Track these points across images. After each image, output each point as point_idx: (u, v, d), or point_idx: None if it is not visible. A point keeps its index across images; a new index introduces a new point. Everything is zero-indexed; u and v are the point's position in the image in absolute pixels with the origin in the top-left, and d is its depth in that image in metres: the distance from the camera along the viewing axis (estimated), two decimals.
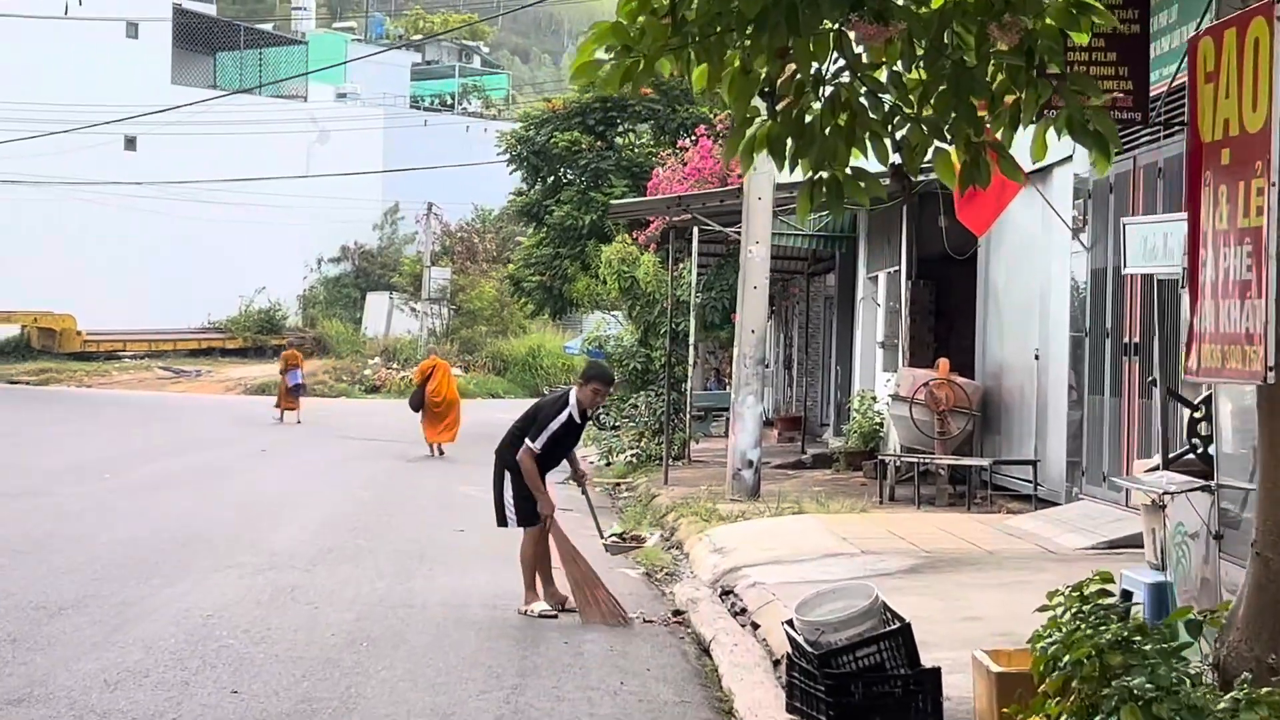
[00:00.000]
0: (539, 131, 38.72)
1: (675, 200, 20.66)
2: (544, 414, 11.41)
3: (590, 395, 11.60)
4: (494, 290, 59.97)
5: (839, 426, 28.23)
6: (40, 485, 19.47)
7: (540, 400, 12.23)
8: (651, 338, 26.60)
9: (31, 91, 53.46)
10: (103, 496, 18.30)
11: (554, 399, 11.83)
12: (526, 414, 11.82)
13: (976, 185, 6.71)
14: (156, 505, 17.48)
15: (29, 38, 56.87)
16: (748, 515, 16.53)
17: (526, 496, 11.47)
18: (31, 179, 54.33)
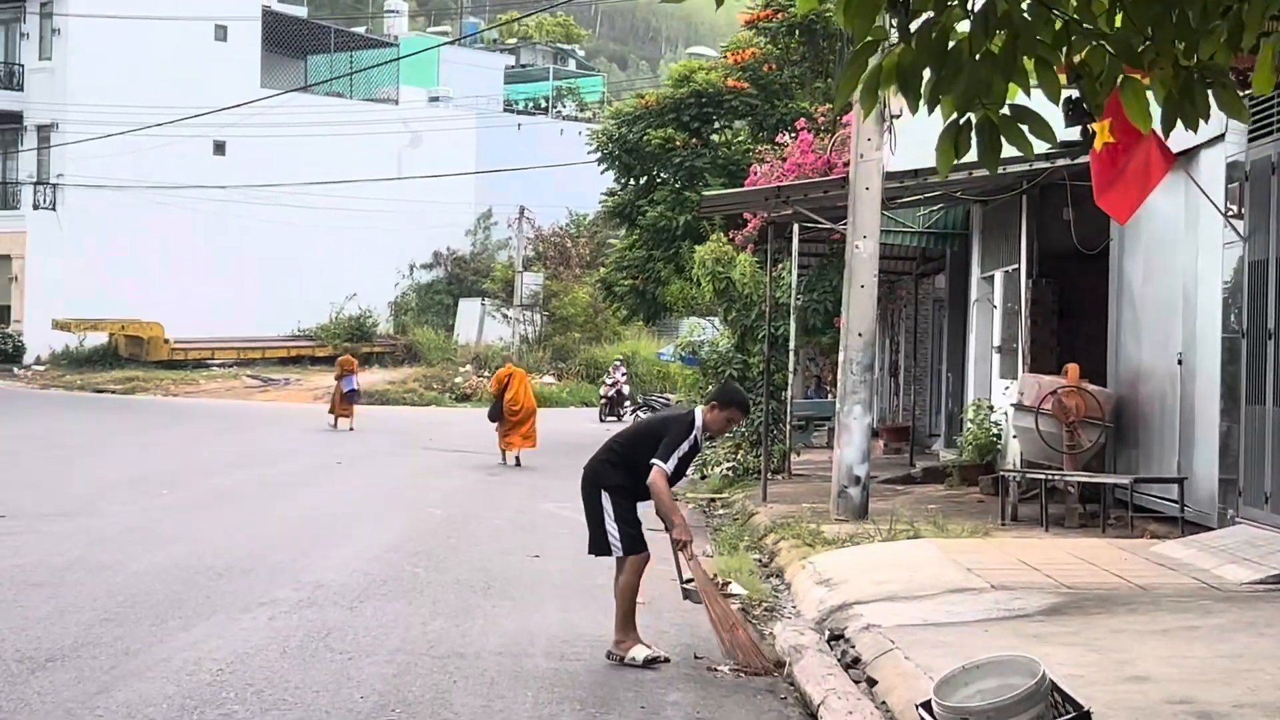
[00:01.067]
0: (631, 128, 37.09)
1: (774, 191, 18.92)
2: (672, 433, 9.84)
3: (723, 422, 10.10)
4: (587, 296, 58.47)
5: (950, 438, 26.39)
6: (89, 503, 18.08)
7: (661, 416, 10.73)
8: (749, 343, 24.88)
9: (119, 95, 52.52)
10: (149, 516, 16.86)
11: (677, 417, 10.25)
12: (639, 430, 10.40)
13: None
14: (205, 526, 16.00)
15: (117, 40, 56.08)
16: (856, 539, 14.78)
17: (630, 519, 9.93)
18: (119, 183, 53.49)
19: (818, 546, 14.53)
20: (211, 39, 60.24)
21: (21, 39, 58.56)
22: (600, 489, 9.97)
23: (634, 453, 9.86)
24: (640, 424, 10.64)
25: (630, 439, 10.15)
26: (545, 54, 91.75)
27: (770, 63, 37.43)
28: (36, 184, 57.23)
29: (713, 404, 10.05)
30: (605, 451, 10.15)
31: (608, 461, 10.04)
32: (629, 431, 10.50)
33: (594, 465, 10.14)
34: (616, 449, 10.10)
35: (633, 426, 10.80)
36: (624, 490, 9.91)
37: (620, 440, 10.24)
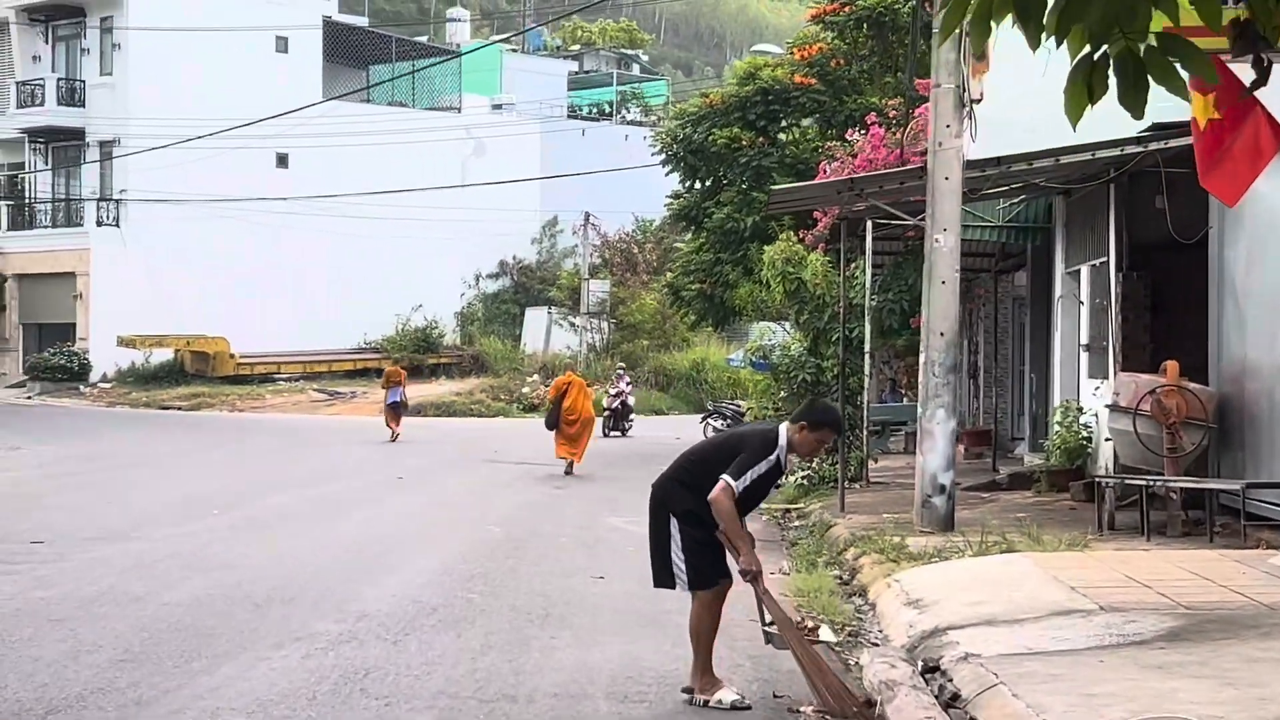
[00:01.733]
0: (696, 129, 36.11)
1: (846, 184, 17.87)
2: (749, 449, 8.74)
3: (813, 443, 9.03)
4: (654, 302, 57.49)
5: (1035, 442, 25.24)
6: (134, 525, 17.27)
7: (741, 431, 9.43)
8: (822, 346, 23.85)
9: (181, 110, 52.03)
10: (196, 539, 16.01)
11: (758, 432, 9.07)
12: (717, 445, 9.22)
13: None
14: (252, 550, 15.14)
15: (178, 55, 55.65)
16: (944, 553, 13.71)
17: (701, 549, 8.84)
18: (181, 198, 53.01)
19: (903, 562, 13.49)
20: (272, 50, 59.73)
21: (82, 55, 58.26)
22: (669, 514, 8.92)
23: (710, 472, 8.74)
24: (718, 438, 9.50)
25: (705, 456, 9.03)
26: (609, 60, 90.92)
27: (838, 58, 36.38)
28: (99, 200, 56.85)
29: (802, 424, 8.92)
30: (676, 470, 9.06)
31: (678, 481, 8.96)
32: (705, 446, 9.39)
33: (663, 485, 9.06)
34: (689, 467, 8.99)
35: (709, 441, 9.64)
36: (696, 517, 8.82)
37: (694, 457, 9.11)
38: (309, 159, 58.11)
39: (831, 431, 9.13)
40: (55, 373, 55.35)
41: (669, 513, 8.90)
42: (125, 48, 56.56)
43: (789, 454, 8.95)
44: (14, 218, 59.78)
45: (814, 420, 8.95)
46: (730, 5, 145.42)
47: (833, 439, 9.26)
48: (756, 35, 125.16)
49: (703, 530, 8.79)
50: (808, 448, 9.03)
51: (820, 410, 9.27)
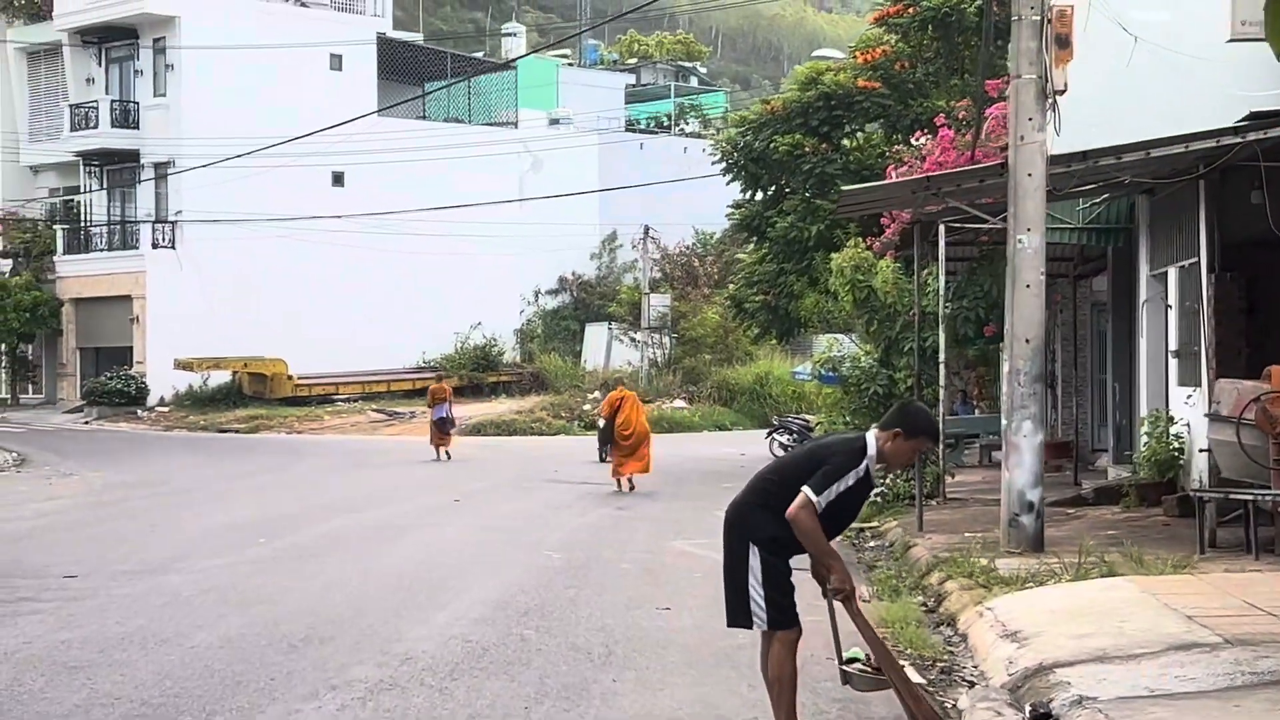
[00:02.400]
0: (757, 136, 35.06)
1: (921, 183, 16.83)
2: (834, 460, 7.71)
3: (906, 452, 7.97)
4: (716, 316, 56.43)
5: (1120, 453, 24.09)
6: (175, 557, 16.43)
7: (826, 441, 8.27)
8: (893, 356, 22.80)
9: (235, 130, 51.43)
10: (236, 572, 15.13)
11: (843, 442, 8.01)
12: (799, 460, 8.06)
13: None
14: (295, 583, 14.25)
15: (231, 76, 55.18)
16: (1038, 577, 12.66)
17: (785, 582, 7.86)
18: (237, 218, 52.45)
19: (994, 588, 12.45)
20: (326, 69, 59.13)
21: (136, 76, 57.78)
22: (748, 541, 7.87)
23: (792, 491, 7.69)
24: (799, 452, 8.43)
25: (786, 472, 7.94)
26: (666, 73, 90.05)
27: (902, 61, 35.30)
28: (155, 223, 56.36)
29: (895, 431, 7.84)
30: (753, 490, 8.02)
31: (756, 503, 7.91)
32: (785, 462, 8.30)
33: (740, 508, 8.02)
34: (768, 487, 7.93)
35: (790, 456, 8.54)
36: (778, 544, 7.80)
37: (773, 475, 8.04)
38: (364, 177, 57.48)
39: (927, 439, 8.07)
40: (112, 397, 54.81)
41: (747, 540, 7.87)
42: (178, 68, 56.07)
43: (879, 465, 7.92)
44: (69, 241, 59.38)
45: (908, 426, 7.88)
46: (788, 18, 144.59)
47: (929, 447, 8.13)
48: (814, 48, 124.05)
49: (786, 563, 7.81)
50: (900, 458, 7.99)
51: (914, 414, 8.11)
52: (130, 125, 57.37)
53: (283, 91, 55.78)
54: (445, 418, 36.07)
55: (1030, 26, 15.15)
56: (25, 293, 57.59)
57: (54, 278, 59.13)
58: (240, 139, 47.49)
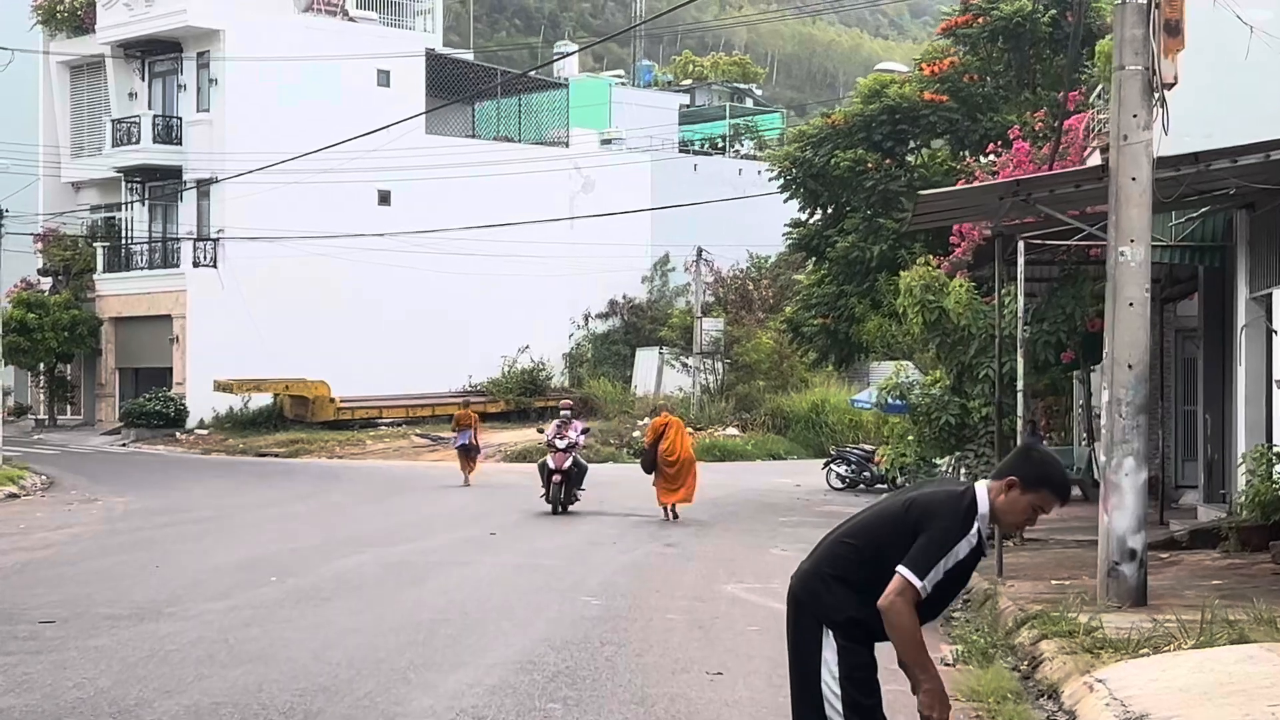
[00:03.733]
0: (817, 151, 33.29)
1: (1009, 187, 15.01)
2: (938, 526, 5.90)
3: (1025, 509, 6.05)
4: (771, 341, 54.62)
5: (1212, 490, 22.22)
6: (173, 598, 14.79)
7: (918, 496, 6.16)
8: (966, 383, 21.00)
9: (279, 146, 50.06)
10: (237, 617, 13.47)
11: (947, 497, 6.05)
12: (884, 515, 6.17)
13: None
14: (297, 634, 12.57)
15: (276, 91, 53.90)
16: (1153, 641, 10.85)
17: (871, 680, 6.04)
18: (281, 235, 51.05)
19: (1103, 653, 10.65)
20: (374, 85, 57.72)
21: (179, 91, 56.57)
22: (821, 624, 6.04)
23: (880, 560, 5.95)
24: (887, 507, 6.25)
25: (875, 535, 6.10)
26: (721, 94, 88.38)
27: (970, 73, 33.52)
28: (196, 240, 55.03)
29: (1010, 481, 6.00)
30: (830, 559, 6.15)
31: (834, 577, 6.08)
32: (869, 520, 6.24)
33: (810, 581, 6.16)
34: (850, 554, 6.10)
35: (875, 511, 6.31)
36: (862, 629, 6.01)
37: (856, 537, 6.17)
38: (411, 196, 56.07)
39: (1054, 496, 6.09)
40: (151, 418, 53.45)
41: (819, 622, 6.04)
42: (222, 83, 54.81)
43: (989, 525, 6.05)
44: (110, 259, 58.14)
45: (1028, 475, 6.01)
46: (843, 44, 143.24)
47: (1054, 506, 6.22)
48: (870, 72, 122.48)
49: (869, 652, 6.04)
50: (1016, 516, 6.07)
51: (1037, 461, 6.12)
52: (173, 141, 56.15)
53: (328, 108, 54.33)
54: (468, 444, 35.22)
55: (1136, 11, 13.39)
56: (64, 311, 56.36)
57: (93, 296, 57.91)
58: (284, 155, 46.19)
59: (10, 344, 54.97)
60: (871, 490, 34.49)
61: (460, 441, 35.24)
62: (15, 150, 53.84)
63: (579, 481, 27.09)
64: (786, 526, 25.57)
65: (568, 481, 26.67)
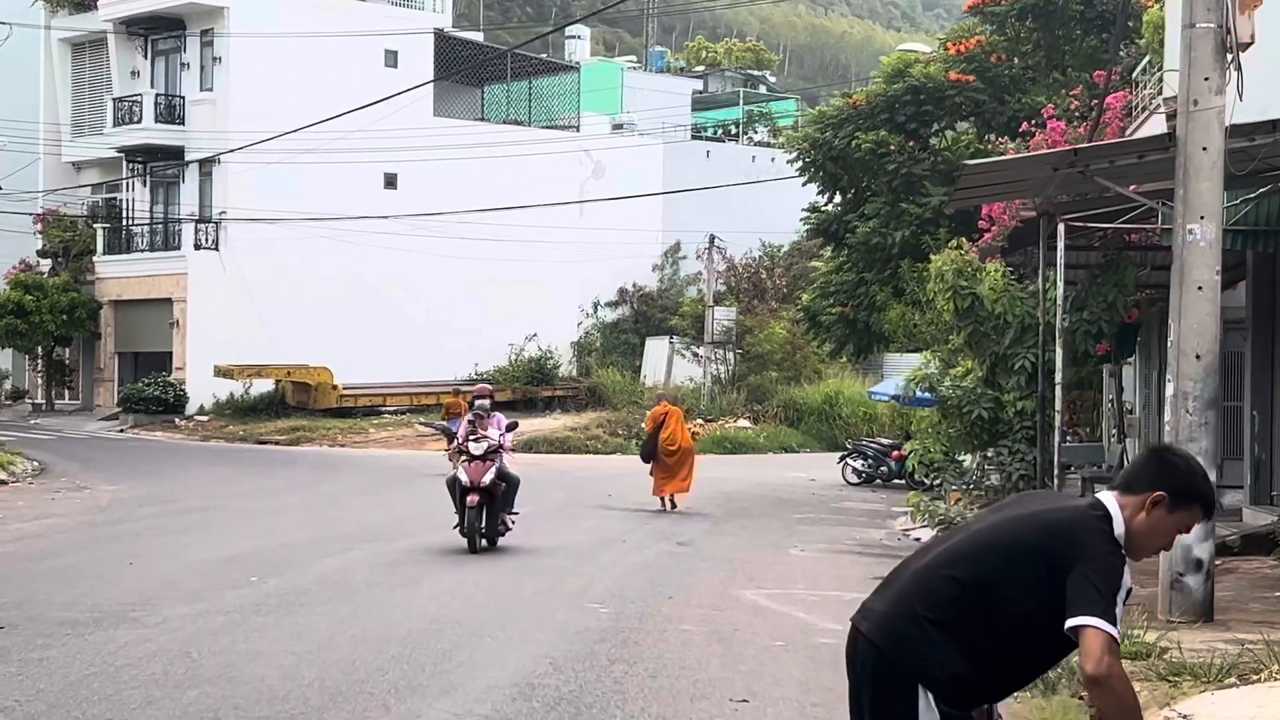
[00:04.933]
0: (837, 133, 32.03)
1: (1064, 156, 13.67)
2: (1092, 552, 4.52)
3: (1168, 531, 4.74)
4: (784, 331, 53.25)
5: (1260, 492, 20.89)
6: (142, 600, 13.50)
7: (1038, 511, 4.80)
8: (1000, 375, 19.70)
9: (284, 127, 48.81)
10: (206, 624, 12.18)
11: (1081, 517, 4.68)
12: (1000, 539, 4.73)
13: None
14: (269, 646, 11.27)
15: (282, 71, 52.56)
16: (1237, 668, 9.55)
17: None
18: (284, 217, 49.73)
19: (1182, 682, 9.34)
20: (381, 65, 56.32)
21: (182, 70, 55.24)
22: (914, 683, 4.62)
23: (990, 601, 4.60)
24: (1002, 528, 4.80)
25: (981, 563, 4.68)
26: (734, 81, 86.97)
27: (998, 53, 32.25)
28: (198, 222, 53.73)
29: (1156, 497, 4.67)
30: (921, 598, 4.71)
31: (930, 621, 4.65)
32: (972, 545, 4.78)
33: (897, 622, 4.71)
34: (951, 590, 4.67)
35: (981, 535, 4.82)
36: (967, 688, 4.64)
37: (957, 569, 4.71)
38: (418, 180, 54.77)
39: (1203, 513, 4.78)
40: (149, 404, 52.19)
41: (912, 681, 4.63)
42: (226, 62, 53.52)
43: (1132, 544, 4.72)
44: (110, 241, 56.85)
45: (1178, 489, 4.69)
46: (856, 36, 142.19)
47: (1199, 522, 4.82)
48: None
49: (969, 712, 4.69)
50: (1159, 541, 4.75)
51: (1185, 471, 4.79)
52: (175, 121, 54.87)
53: (334, 89, 52.90)
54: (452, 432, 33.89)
55: None
56: (63, 294, 55.08)
57: (93, 279, 56.64)
58: (289, 136, 44.97)
59: (8, 327, 53.83)
60: (889, 486, 33.19)
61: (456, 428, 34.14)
62: (15, 129, 52.61)
63: (509, 502, 19.15)
64: (803, 524, 24.30)
65: (491, 503, 18.70)
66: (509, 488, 19.05)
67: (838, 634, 12.66)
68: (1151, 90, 20.66)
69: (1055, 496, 5.23)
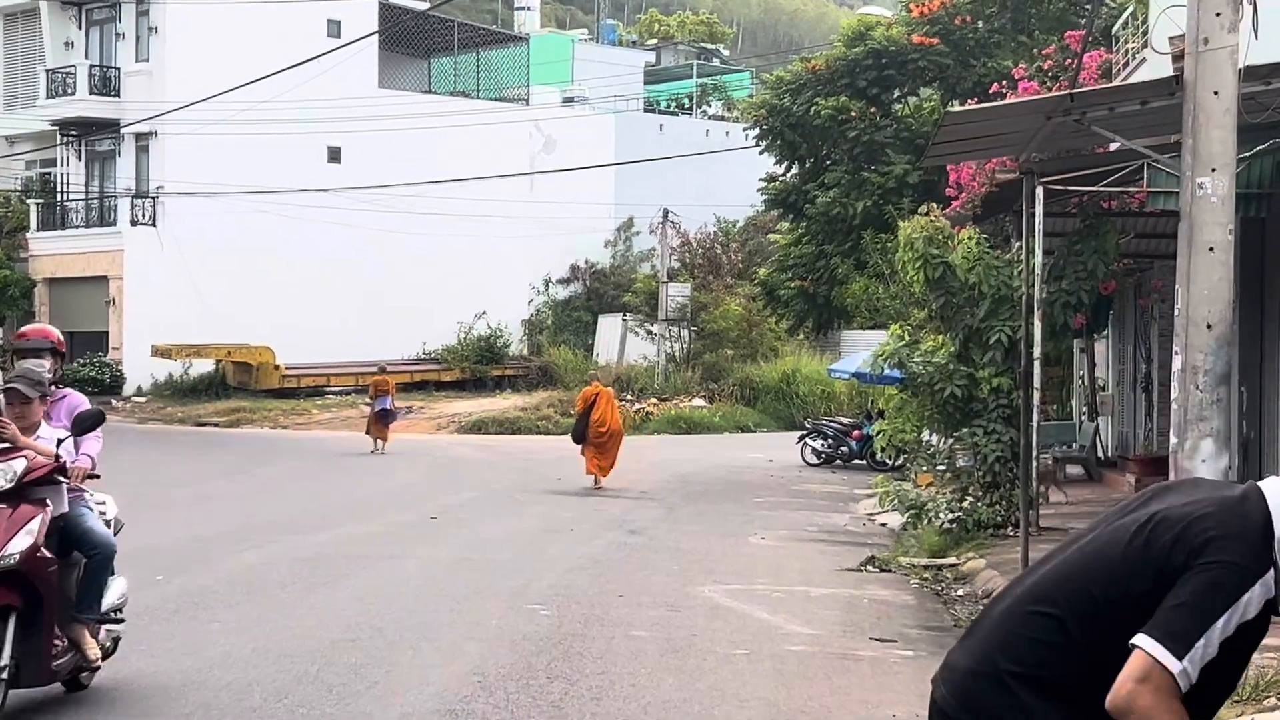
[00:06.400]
0: (796, 99, 30.67)
1: (1060, 102, 12.24)
2: (1210, 571, 3.22)
3: None
4: (740, 308, 51.87)
5: (1249, 472, 19.65)
6: None
7: (1161, 513, 3.41)
8: (974, 350, 18.37)
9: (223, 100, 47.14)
10: None
11: (1217, 509, 3.37)
12: (1095, 557, 3.42)
13: None
14: (157, 661, 9.82)
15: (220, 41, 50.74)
16: (1275, 684, 8.25)
17: None
18: (223, 193, 48.02)
19: None
20: (324, 36, 54.55)
21: (117, 40, 53.37)
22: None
23: (1109, 637, 3.29)
24: (1113, 535, 3.46)
25: (1088, 588, 3.37)
26: (688, 54, 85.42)
27: (962, 15, 30.93)
28: (135, 197, 51.91)
29: None
30: (1009, 644, 3.40)
31: (1023, 676, 3.34)
32: (1075, 565, 3.45)
33: (977, 682, 3.40)
34: (1046, 633, 3.36)
35: (1088, 548, 3.49)
36: None
37: (1054, 597, 3.41)
38: (363, 154, 53.11)
39: None
40: (85, 385, 50.11)
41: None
42: (163, 32, 51.72)
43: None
44: (44, 217, 54.98)
45: None
46: (809, 12, 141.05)
47: None
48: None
49: None
50: None
51: None
52: (110, 93, 53.02)
53: (275, 61, 51.16)
54: (389, 410, 34.93)
55: None
56: None
57: (26, 256, 54.71)
58: (228, 108, 43.35)
59: None
60: (849, 467, 31.91)
61: (380, 406, 34.51)
62: None
63: (90, 597, 8.99)
64: (763, 508, 23.02)
65: (35, 606, 8.28)
66: (92, 564, 9.09)
67: (806, 639, 11.33)
68: (1135, 44, 19.36)
69: (1200, 484, 3.79)
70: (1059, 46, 24.84)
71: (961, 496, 18.49)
